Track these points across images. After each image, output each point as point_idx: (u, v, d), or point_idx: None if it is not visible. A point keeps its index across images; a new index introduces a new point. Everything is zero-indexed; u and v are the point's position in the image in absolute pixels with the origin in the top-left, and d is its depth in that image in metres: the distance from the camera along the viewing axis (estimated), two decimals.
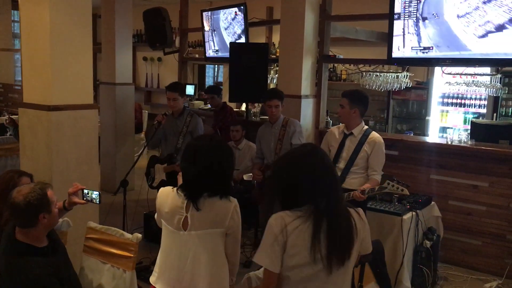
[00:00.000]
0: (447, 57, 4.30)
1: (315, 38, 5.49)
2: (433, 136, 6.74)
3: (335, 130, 3.92)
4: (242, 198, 4.54)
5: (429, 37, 4.27)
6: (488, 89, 5.80)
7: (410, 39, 4.36)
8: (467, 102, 6.84)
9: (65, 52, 3.63)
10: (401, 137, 5.34)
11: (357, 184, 3.65)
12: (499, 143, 4.75)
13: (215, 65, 10.22)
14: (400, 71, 5.74)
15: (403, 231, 3.88)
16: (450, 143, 4.78)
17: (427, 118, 7.08)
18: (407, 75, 5.70)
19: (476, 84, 5.82)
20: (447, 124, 6.99)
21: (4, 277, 2.38)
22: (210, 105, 6.94)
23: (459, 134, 4.89)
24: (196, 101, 8.25)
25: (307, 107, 5.46)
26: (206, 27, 7.12)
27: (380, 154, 3.72)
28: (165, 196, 2.40)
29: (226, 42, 6.76)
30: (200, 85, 9.99)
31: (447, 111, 7.04)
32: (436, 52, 4.15)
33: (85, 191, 2.78)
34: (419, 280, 4.05)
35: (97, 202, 2.79)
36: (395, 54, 4.71)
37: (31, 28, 3.69)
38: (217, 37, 6.93)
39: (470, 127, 5.57)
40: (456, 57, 4.16)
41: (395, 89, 5.90)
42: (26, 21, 3.75)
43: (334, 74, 7.88)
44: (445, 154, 4.79)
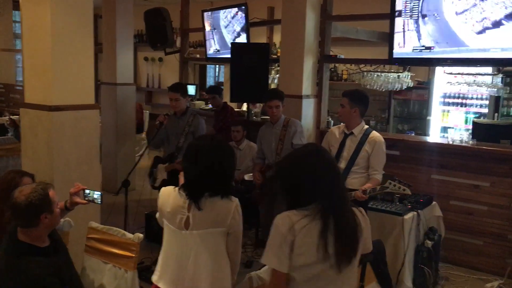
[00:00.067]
0: (447, 56, 4.31)
1: (316, 38, 5.49)
2: (434, 136, 6.73)
3: (336, 130, 3.93)
4: (243, 198, 4.53)
5: (429, 34, 4.31)
6: (489, 89, 5.80)
7: (410, 36, 4.41)
8: (468, 102, 6.83)
9: (66, 52, 3.63)
10: (402, 137, 5.34)
11: (358, 184, 3.65)
12: (501, 143, 4.74)
13: (216, 65, 10.22)
14: (401, 71, 5.75)
15: (404, 231, 3.88)
16: (451, 143, 4.78)
17: (428, 118, 7.07)
18: (408, 75, 5.70)
19: (478, 83, 5.82)
20: (448, 124, 6.98)
21: (5, 276, 2.38)
22: (211, 105, 6.95)
23: (460, 134, 4.89)
24: (197, 101, 8.26)
25: (308, 107, 5.46)
26: (207, 27, 7.12)
27: (381, 154, 3.72)
28: (167, 196, 2.41)
29: (226, 40, 6.76)
30: (201, 85, 10.00)
31: (448, 111, 7.03)
32: (436, 48, 4.22)
33: (87, 191, 2.79)
34: (420, 280, 4.05)
35: (99, 202, 2.79)
36: (396, 51, 4.71)
37: (32, 28, 3.69)
38: (217, 35, 6.93)
39: (471, 127, 5.57)
40: (454, 52, 4.19)
41: (396, 89, 5.91)
42: (27, 21, 3.75)
43: (335, 74, 7.87)
44: (447, 154, 4.79)
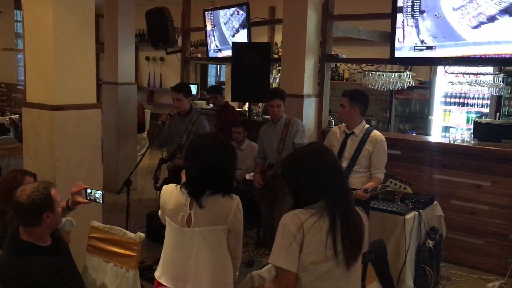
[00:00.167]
0: (446, 52, 4.37)
1: (318, 38, 5.49)
2: (435, 136, 6.72)
3: (337, 130, 3.93)
4: (245, 197, 4.54)
5: (427, 29, 4.40)
6: (491, 89, 5.80)
7: (409, 31, 4.50)
8: (470, 101, 6.82)
9: (68, 51, 3.63)
10: (403, 137, 5.33)
11: (360, 183, 3.65)
12: (502, 142, 4.74)
13: (218, 65, 10.22)
14: (403, 71, 5.75)
15: (406, 230, 3.87)
16: (452, 142, 4.77)
17: (430, 117, 7.06)
18: (409, 75, 5.70)
19: (479, 83, 5.83)
20: (450, 123, 6.98)
21: (8, 275, 2.39)
22: (212, 105, 6.95)
23: (461, 134, 4.89)
24: (199, 101, 8.25)
25: (309, 107, 5.46)
26: (208, 27, 7.13)
27: (382, 152, 3.72)
28: (169, 194, 2.43)
29: (225, 36, 6.78)
30: (202, 85, 10.00)
31: (450, 111, 7.03)
32: (435, 43, 4.34)
33: (88, 190, 2.79)
34: (422, 279, 4.05)
35: (100, 201, 2.80)
36: (396, 46, 4.74)
37: (34, 28, 3.69)
38: (217, 32, 6.96)
39: (472, 126, 5.56)
40: (452, 46, 4.29)
41: (397, 89, 5.90)
42: (29, 21, 3.75)
43: (337, 73, 7.86)
44: (448, 153, 4.79)
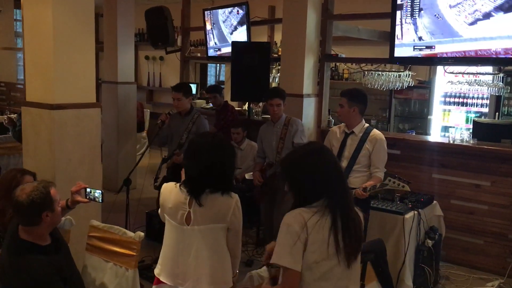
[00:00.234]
0: (444, 50, 4.42)
1: (317, 37, 5.49)
2: (435, 135, 6.73)
3: (336, 129, 3.94)
4: (244, 197, 4.56)
5: (425, 26, 4.47)
6: (490, 88, 5.80)
7: (408, 28, 4.57)
8: (469, 101, 6.82)
9: (68, 51, 3.63)
10: (403, 136, 5.34)
11: (360, 183, 3.65)
12: (501, 142, 4.74)
13: (217, 64, 10.21)
14: (402, 70, 5.74)
15: (405, 230, 3.88)
16: (452, 142, 4.78)
17: (429, 117, 7.07)
18: (409, 74, 5.70)
19: (478, 83, 5.83)
20: (449, 123, 6.98)
21: (8, 274, 2.39)
22: (211, 104, 6.95)
23: (461, 133, 4.89)
24: (198, 100, 8.25)
25: (309, 106, 5.46)
26: (207, 26, 7.12)
27: (382, 151, 3.72)
28: (168, 192, 2.45)
29: (224, 34, 6.81)
30: (202, 84, 10.00)
31: (449, 110, 7.03)
32: (431, 39, 4.43)
33: (88, 189, 2.79)
34: (421, 279, 4.05)
35: (100, 201, 2.80)
36: (395, 43, 4.76)
37: (34, 27, 3.69)
38: (216, 30, 6.98)
39: (472, 126, 5.57)
40: (449, 42, 4.36)
41: (397, 88, 5.90)
42: (28, 20, 3.75)
43: (336, 73, 7.86)
44: (447, 153, 4.79)
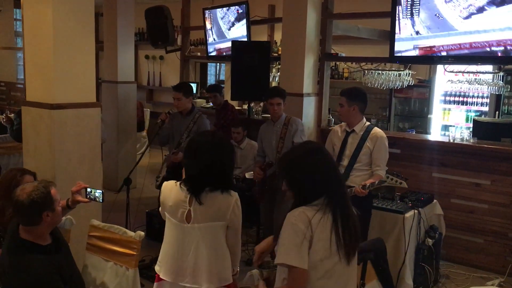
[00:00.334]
0: (440, 43, 4.46)
1: (317, 36, 5.48)
2: (435, 134, 6.73)
3: (338, 128, 3.95)
4: (244, 196, 4.56)
5: (421, 21, 4.53)
6: (490, 87, 5.81)
7: (405, 23, 4.62)
8: (469, 100, 6.82)
9: (68, 50, 3.62)
10: (403, 135, 5.34)
11: (361, 181, 3.64)
12: (501, 141, 4.74)
13: (217, 63, 10.21)
14: (402, 69, 5.74)
15: (405, 229, 3.88)
16: (452, 141, 4.78)
17: (429, 116, 7.06)
18: (409, 73, 5.70)
19: (478, 82, 5.83)
20: (449, 122, 6.98)
21: (8, 274, 2.39)
22: (212, 104, 6.95)
23: (461, 132, 4.89)
24: (198, 99, 8.25)
25: (309, 106, 5.46)
26: (207, 25, 7.12)
27: (383, 149, 3.71)
28: (169, 190, 2.47)
29: (222, 30, 6.85)
30: (202, 83, 9.99)
31: (449, 109, 7.03)
32: (428, 33, 4.51)
33: (88, 189, 2.79)
34: (421, 278, 4.05)
35: (100, 200, 2.80)
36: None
37: (34, 26, 3.69)
38: (215, 27, 6.99)
39: (472, 125, 5.56)
40: (445, 36, 4.41)
41: (397, 87, 5.91)
42: (28, 19, 3.75)
43: (336, 72, 7.86)
44: (447, 152, 4.79)
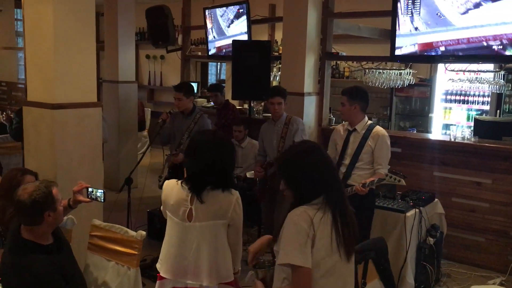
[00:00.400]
0: (439, 39, 4.49)
1: (318, 36, 5.48)
2: (436, 133, 6.72)
3: (340, 128, 3.96)
4: (245, 195, 4.56)
5: (420, 17, 4.57)
6: (491, 86, 5.80)
7: (404, 20, 4.66)
8: (470, 99, 6.81)
9: (69, 50, 3.63)
10: (404, 134, 5.34)
11: (363, 180, 3.64)
12: (502, 140, 4.74)
13: (218, 63, 10.21)
14: (403, 68, 5.74)
15: (407, 228, 3.88)
16: (453, 140, 4.78)
17: (430, 115, 7.06)
18: (410, 72, 5.70)
19: (480, 80, 5.83)
20: (450, 121, 6.97)
21: (10, 274, 2.40)
22: (213, 103, 6.96)
23: (462, 131, 4.89)
24: (199, 99, 8.26)
25: (310, 105, 5.46)
26: (208, 25, 7.12)
27: (385, 147, 3.71)
28: (170, 189, 2.49)
29: (222, 27, 6.86)
30: (202, 83, 9.99)
31: (450, 108, 7.02)
32: (427, 29, 4.56)
33: (90, 189, 2.79)
34: (423, 277, 4.05)
35: (102, 200, 2.80)
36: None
37: (35, 26, 3.69)
38: (215, 25, 7.01)
39: (473, 124, 5.56)
40: (443, 31, 4.44)
41: (398, 86, 5.90)
42: (29, 19, 3.75)
43: (337, 71, 7.85)
44: (448, 151, 4.79)
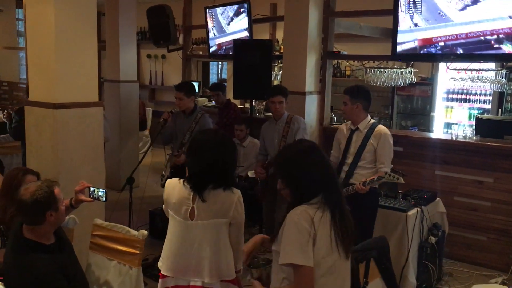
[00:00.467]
0: (438, 34, 4.51)
1: (319, 35, 5.48)
2: (437, 132, 6.72)
3: (344, 127, 3.97)
4: (247, 194, 4.56)
5: (420, 13, 4.60)
6: (493, 85, 5.80)
7: (404, 16, 4.69)
8: (472, 97, 6.80)
9: (70, 50, 3.63)
10: (405, 133, 5.33)
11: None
12: (504, 138, 4.73)
13: (219, 62, 10.21)
14: (405, 67, 5.73)
15: (408, 227, 3.88)
16: (455, 139, 4.77)
17: (432, 114, 7.06)
18: (411, 71, 5.69)
19: (481, 79, 5.82)
20: (452, 120, 6.96)
21: (12, 273, 2.40)
22: (214, 102, 6.96)
23: (464, 130, 4.88)
24: (200, 98, 8.25)
25: (311, 104, 5.46)
26: (209, 24, 7.12)
27: (387, 146, 3.70)
28: (172, 188, 2.50)
29: (222, 24, 6.87)
30: (204, 82, 9.99)
31: (452, 107, 7.01)
32: (426, 25, 4.59)
33: (92, 189, 2.80)
34: (424, 276, 4.05)
35: (103, 199, 2.81)
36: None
37: (36, 26, 3.70)
38: (216, 24, 7.01)
39: (475, 122, 5.55)
40: (442, 27, 4.48)
41: (399, 85, 5.90)
42: (31, 19, 3.75)
43: (338, 70, 7.85)
44: (450, 150, 4.78)
